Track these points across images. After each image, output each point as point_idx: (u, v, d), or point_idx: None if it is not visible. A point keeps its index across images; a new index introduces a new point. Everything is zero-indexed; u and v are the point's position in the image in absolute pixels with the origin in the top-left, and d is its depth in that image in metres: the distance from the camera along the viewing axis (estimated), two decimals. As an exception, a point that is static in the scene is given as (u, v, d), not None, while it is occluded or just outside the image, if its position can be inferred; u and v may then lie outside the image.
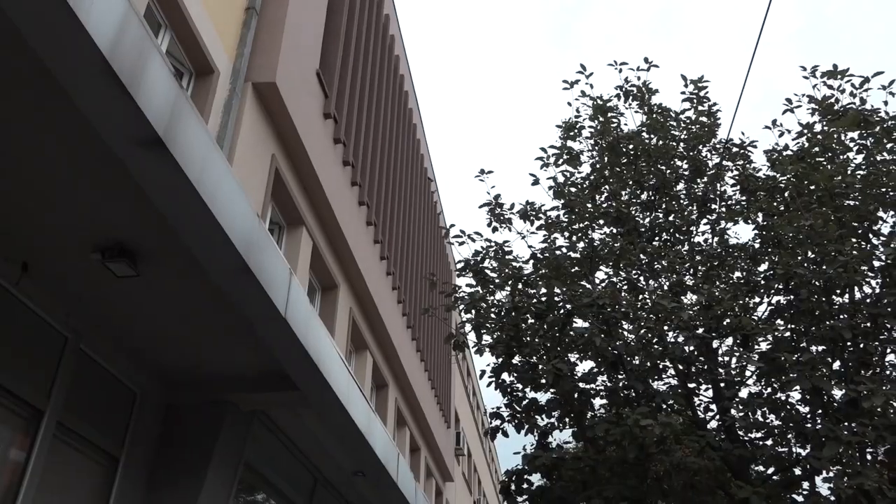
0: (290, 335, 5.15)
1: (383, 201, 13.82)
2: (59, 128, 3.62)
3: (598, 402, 7.25)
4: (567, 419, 7.06)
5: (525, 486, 6.86)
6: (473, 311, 7.30)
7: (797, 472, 6.85)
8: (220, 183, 4.08)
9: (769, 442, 7.20)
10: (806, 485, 6.81)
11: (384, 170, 13.94)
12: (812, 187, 8.43)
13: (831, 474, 5.97)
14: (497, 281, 7.50)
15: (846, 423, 5.88)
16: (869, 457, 6.51)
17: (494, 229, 9.47)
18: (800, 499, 6.44)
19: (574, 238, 8.50)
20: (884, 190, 8.14)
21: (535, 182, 9.98)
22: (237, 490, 6.60)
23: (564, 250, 8.00)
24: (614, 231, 9.21)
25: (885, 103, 9.66)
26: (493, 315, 7.45)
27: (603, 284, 8.01)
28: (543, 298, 7.14)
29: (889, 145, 8.86)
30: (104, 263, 4.52)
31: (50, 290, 4.83)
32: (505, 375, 7.33)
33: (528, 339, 7.39)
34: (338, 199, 10.69)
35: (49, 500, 4.89)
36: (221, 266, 4.42)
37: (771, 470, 7.10)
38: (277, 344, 5.34)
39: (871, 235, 8.08)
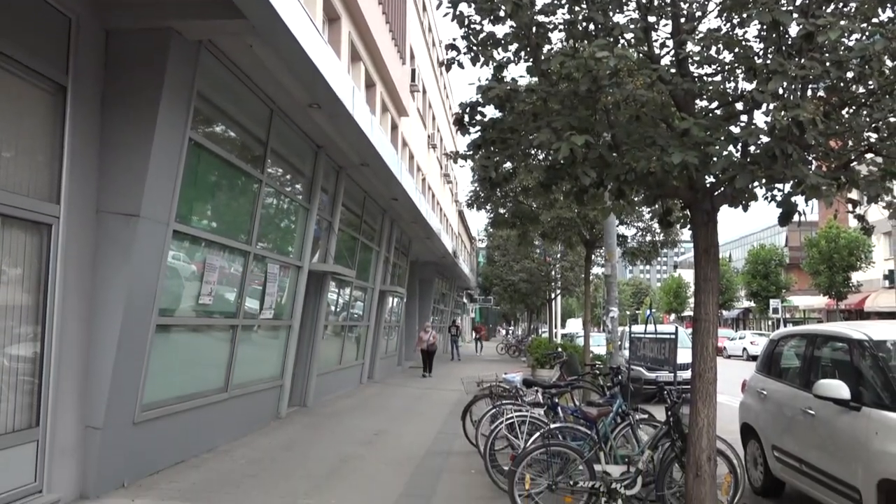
0: (228, -46, 4.72)
1: None
2: None
3: (555, 36, 7.10)
4: (523, 53, 6.96)
5: (478, 117, 7.02)
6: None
7: (739, 106, 7.11)
8: None
9: (718, 78, 7.32)
10: (744, 118, 7.13)
11: None
12: None
13: (771, 108, 6.22)
14: None
15: (796, 59, 5.94)
16: (810, 93, 6.74)
17: None
18: (736, 130, 6.79)
19: None
20: None
21: None
22: (194, 121, 6.66)
23: None
24: None
25: None
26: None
27: None
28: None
29: None
30: None
31: None
32: (463, 6, 7.00)
33: (489, -35, 6.93)
34: None
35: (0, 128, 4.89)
36: None
37: (714, 105, 7.35)
38: (216, -36, 4.93)
39: None
